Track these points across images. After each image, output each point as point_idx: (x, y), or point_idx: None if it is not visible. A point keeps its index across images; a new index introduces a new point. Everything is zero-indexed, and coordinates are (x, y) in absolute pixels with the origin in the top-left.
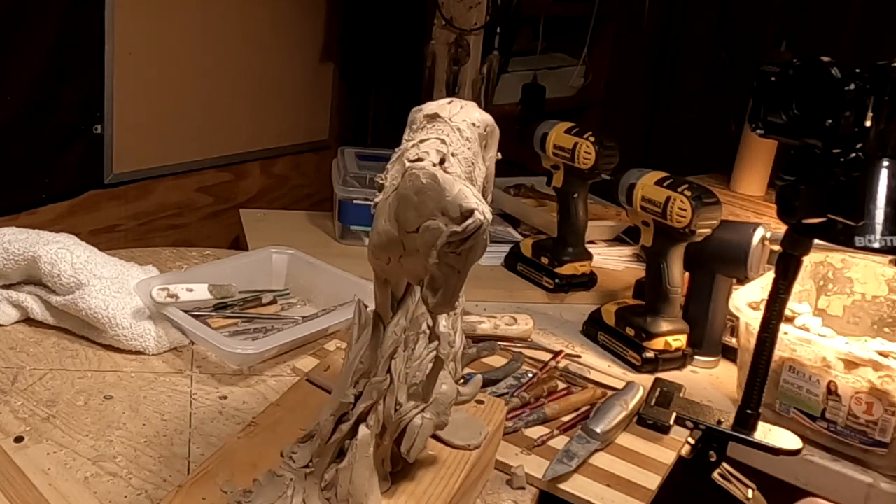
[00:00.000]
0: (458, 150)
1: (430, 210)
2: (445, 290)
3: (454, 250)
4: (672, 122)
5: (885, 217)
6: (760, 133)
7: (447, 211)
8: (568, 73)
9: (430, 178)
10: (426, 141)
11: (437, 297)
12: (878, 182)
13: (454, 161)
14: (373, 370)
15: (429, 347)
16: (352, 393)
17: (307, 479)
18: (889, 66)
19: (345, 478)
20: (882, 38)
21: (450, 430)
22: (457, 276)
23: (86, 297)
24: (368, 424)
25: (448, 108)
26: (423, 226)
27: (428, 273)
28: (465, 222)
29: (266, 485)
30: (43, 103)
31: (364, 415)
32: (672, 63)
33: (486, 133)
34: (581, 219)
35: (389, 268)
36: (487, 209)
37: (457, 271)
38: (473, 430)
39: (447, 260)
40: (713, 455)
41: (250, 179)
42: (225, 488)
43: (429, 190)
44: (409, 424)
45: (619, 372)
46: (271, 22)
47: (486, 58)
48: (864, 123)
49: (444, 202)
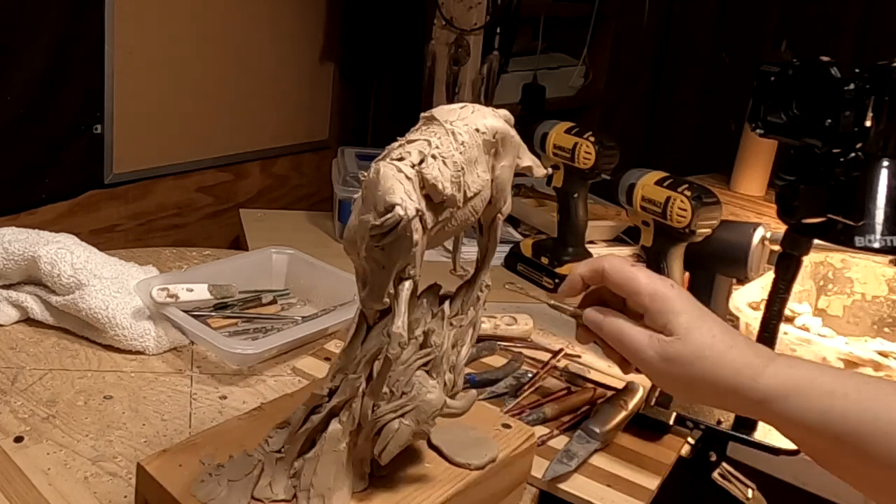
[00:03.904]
0: (447, 153)
1: (369, 204)
2: (373, 284)
3: (377, 244)
4: (672, 122)
5: (885, 217)
6: (760, 133)
7: (377, 205)
8: (568, 73)
9: (375, 174)
10: (414, 142)
11: (364, 291)
12: (878, 182)
13: (434, 163)
14: (350, 367)
15: (419, 353)
16: (327, 386)
17: (277, 464)
18: (889, 66)
19: (310, 469)
20: (882, 38)
21: (455, 447)
22: (381, 272)
23: (86, 297)
24: (341, 420)
25: (457, 112)
26: (360, 219)
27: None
28: (384, 217)
29: (238, 463)
30: (43, 103)
31: (337, 410)
32: (672, 63)
33: (496, 140)
34: (581, 219)
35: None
36: (413, 206)
37: (381, 266)
38: (481, 450)
39: (373, 254)
40: (713, 455)
41: (250, 179)
42: (204, 460)
43: (371, 184)
44: (385, 427)
45: (619, 372)
46: (271, 22)
47: (486, 58)
48: (864, 123)
49: (376, 196)
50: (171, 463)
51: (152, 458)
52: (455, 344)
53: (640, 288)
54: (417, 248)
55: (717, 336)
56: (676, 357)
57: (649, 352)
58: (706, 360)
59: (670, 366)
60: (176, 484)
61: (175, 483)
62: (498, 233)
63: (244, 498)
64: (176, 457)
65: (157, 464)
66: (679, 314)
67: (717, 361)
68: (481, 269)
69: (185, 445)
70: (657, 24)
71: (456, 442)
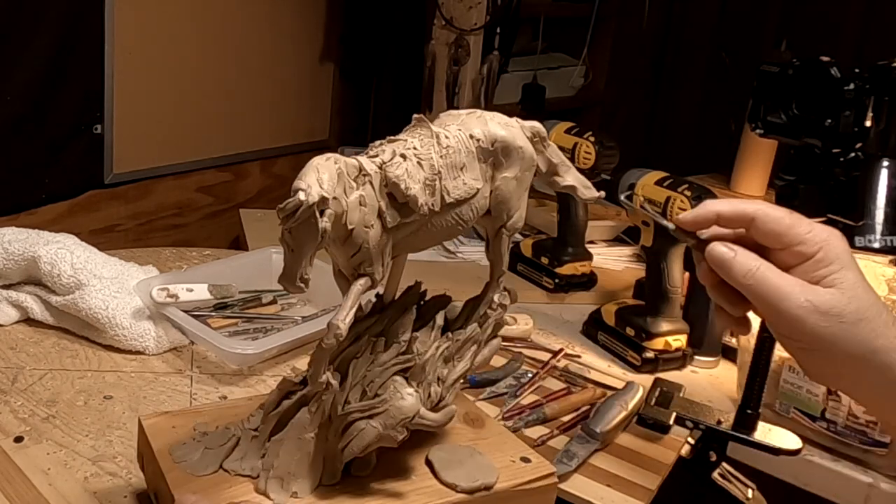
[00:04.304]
0: (424, 154)
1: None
2: (286, 266)
3: (285, 226)
4: (672, 122)
5: (885, 217)
6: (760, 133)
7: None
8: (568, 73)
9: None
10: (394, 141)
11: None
12: (878, 182)
13: (403, 163)
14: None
15: (398, 358)
16: (302, 374)
17: (252, 442)
18: (889, 66)
19: (274, 450)
20: (882, 38)
21: (449, 464)
22: (291, 255)
23: (86, 297)
24: (310, 410)
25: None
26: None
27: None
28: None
29: (218, 434)
30: (43, 103)
31: (308, 398)
32: (672, 63)
33: (495, 149)
34: (581, 219)
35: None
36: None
37: (290, 249)
38: (476, 474)
39: (285, 237)
40: (713, 455)
41: (250, 179)
42: (196, 426)
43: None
44: (353, 425)
45: (619, 372)
46: (271, 22)
47: (486, 58)
48: (864, 123)
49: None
50: (167, 423)
51: (153, 415)
52: (450, 358)
53: (805, 237)
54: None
55: (879, 305)
56: (833, 311)
57: (800, 299)
58: (866, 325)
59: (822, 319)
60: (161, 442)
61: (161, 441)
62: (503, 248)
63: (212, 466)
64: (174, 419)
65: (154, 421)
66: (848, 269)
67: (876, 329)
68: (489, 285)
69: (187, 411)
70: (657, 24)
71: (452, 460)
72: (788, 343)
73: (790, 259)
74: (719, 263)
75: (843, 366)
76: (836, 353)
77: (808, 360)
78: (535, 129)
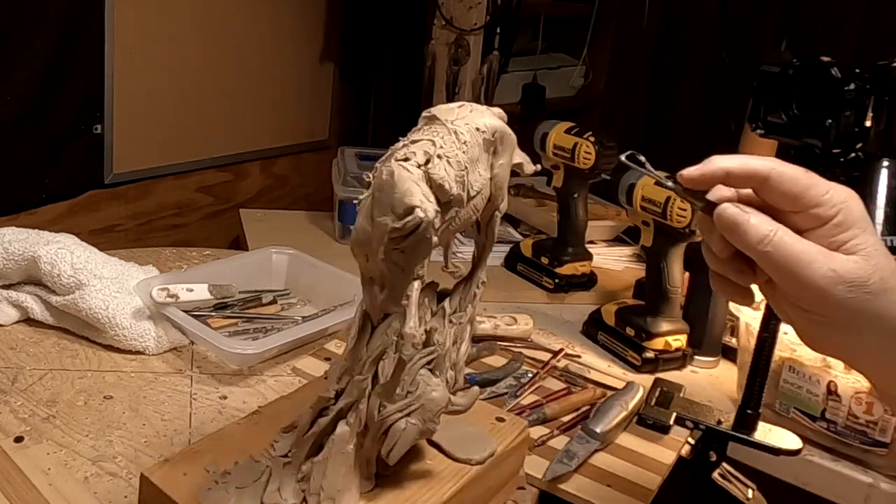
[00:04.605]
0: (450, 152)
1: (385, 206)
2: (391, 287)
3: (397, 247)
4: (672, 122)
5: (885, 217)
6: (760, 133)
7: (394, 207)
8: (568, 73)
9: (388, 175)
10: (418, 142)
11: (383, 293)
12: (878, 182)
13: (440, 163)
14: (356, 368)
15: (422, 352)
16: (333, 388)
17: (284, 469)
18: (889, 66)
19: (319, 472)
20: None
21: (455, 443)
22: (401, 274)
23: (86, 297)
24: (349, 422)
25: (456, 112)
26: (375, 221)
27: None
28: (405, 219)
29: (244, 469)
30: (43, 103)
31: (344, 412)
32: (672, 63)
33: (495, 139)
34: (581, 219)
35: (368, 266)
36: (432, 208)
37: (401, 269)
38: (480, 445)
39: (392, 257)
40: (713, 455)
41: (250, 179)
42: (208, 468)
43: (386, 186)
44: (392, 427)
45: (619, 372)
46: (271, 22)
47: (486, 58)
48: (864, 123)
49: (393, 198)
50: (175, 471)
51: (155, 467)
52: (455, 341)
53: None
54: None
55: None
56: (859, 281)
57: (824, 268)
58: (890, 295)
59: (847, 290)
60: (182, 493)
61: (181, 492)
62: (495, 230)
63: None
64: (179, 465)
65: (162, 473)
66: (868, 233)
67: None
68: (478, 265)
69: (187, 453)
70: (657, 24)
71: (455, 438)
72: (803, 316)
73: (804, 223)
74: (731, 227)
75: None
76: (853, 326)
77: (817, 331)
78: (502, 113)
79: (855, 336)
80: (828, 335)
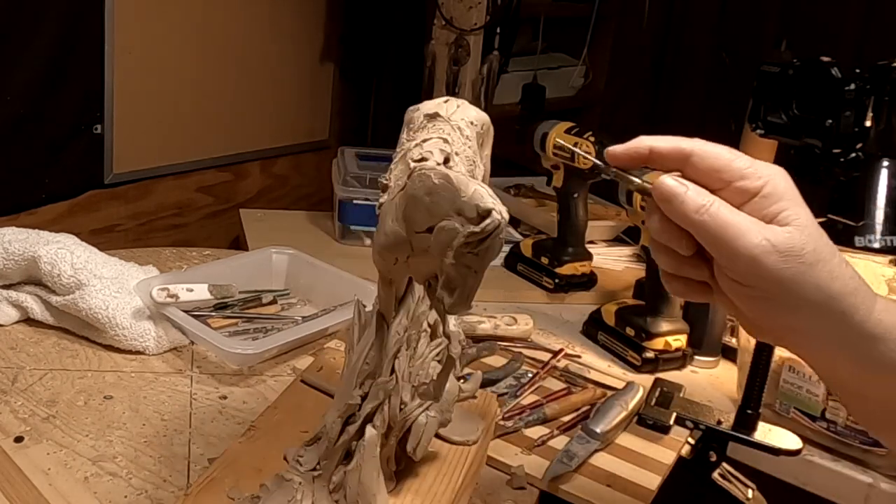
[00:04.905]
0: (460, 149)
1: (443, 210)
2: (462, 290)
3: (472, 250)
4: (672, 122)
5: (885, 217)
6: (760, 133)
7: (463, 211)
8: (568, 73)
9: (442, 179)
10: (429, 140)
11: (453, 297)
12: (878, 182)
13: (458, 160)
14: (378, 370)
15: (431, 346)
16: (358, 394)
17: (315, 482)
18: (889, 66)
19: (353, 479)
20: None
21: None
22: (474, 276)
23: (86, 297)
24: (375, 425)
25: (445, 107)
26: (439, 226)
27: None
28: (484, 222)
29: (275, 489)
30: (43, 103)
31: (370, 415)
32: (672, 63)
33: (483, 132)
34: (581, 219)
35: (396, 268)
36: (503, 208)
37: (474, 271)
38: (470, 425)
39: (464, 260)
40: (713, 455)
41: (250, 179)
42: (232, 494)
43: (442, 191)
44: (415, 423)
45: (619, 372)
46: (271, 22)
47: (486, 58)
48: (864, 123)
49: (460, 202)
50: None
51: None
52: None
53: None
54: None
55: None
56: (793, 251)
57: (758, 237)
58: (825, 266)
59: (781, 260)
60: None
61: None
62: None
63: None
64: (202, 498)
65: None
66: (799, 205)
67: (833, 271)
68: None
69: (203, 483)
70: (657, 24)
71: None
72: (738, 291)
73: (733, 198)
74: (670, 198)
75: (796, 314)
76: (790, 300)
77: (757, 309)
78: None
79: (793, 315)
80: (768, 315)
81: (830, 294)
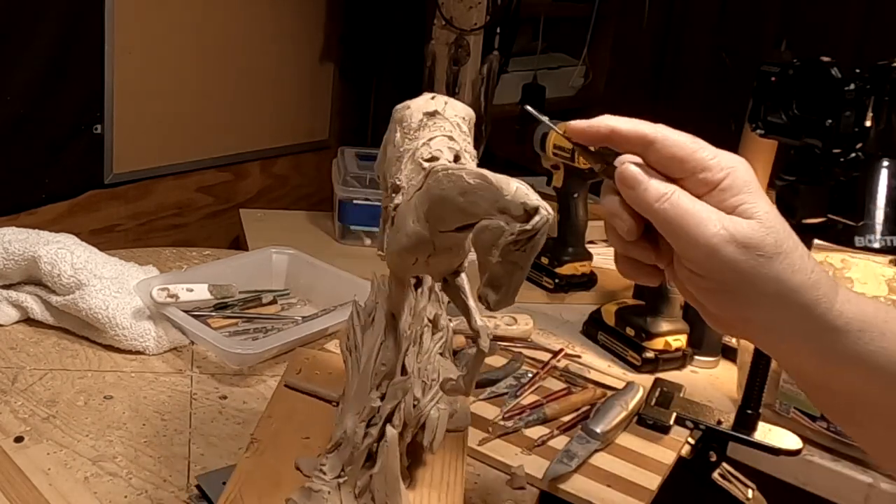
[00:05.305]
0: (463, 145)
1: (482, 210)
2: (508, 287)
3: (520, 248)
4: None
5: (885, 217)
6: (760, 133)
7: (508, 210)
8: (568, 73)
9: (478, 178)
10: (435, 139)
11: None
12: (878, 182)
13: (467, 157)
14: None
15: (434, 339)
16: (377, 396)
17: (342, 489)
18: (889, 66)
19: (380, 481)
20: (882, 38)
21: None
22: (520, 272)
23: (86, 297)
24: (393, 424)
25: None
26: (481, 226)
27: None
28: (533, 220)
29: (304, 501)
30: (43, 103)
31: (390, 416)
32: (672, 63)
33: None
34: (581, 219)
35: (414, 268)
36: (546, 204)
37: (520, 267)
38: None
39: (511, 257)
40: (713, 455)
41: (250, 179)
42: None
43: (480, 190)
44: (428, 418)
45: (619, 372)
46: (271, 22)
47: (486, 58)
48: (864, 123)
49: (504, 202)
50: None
51: None
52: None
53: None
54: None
55: (795, 237)
56: (752, 242)
57: (717, 227)
58: (785, 259)
59: (739, 252)
60: None
61: None
62: None
63: None
64: None
65: None
66: (760, 198)
67: (794, 264)
68: None
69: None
70: (657, 24)
71: None
72: (697, 282)
73: (694, 188)
74: (633, 184)
75: (756, 307)
76: (750, 293)
77: (717, 302)
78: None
79: (754, 307)
80: (728, 307)
81: (791, 287)
